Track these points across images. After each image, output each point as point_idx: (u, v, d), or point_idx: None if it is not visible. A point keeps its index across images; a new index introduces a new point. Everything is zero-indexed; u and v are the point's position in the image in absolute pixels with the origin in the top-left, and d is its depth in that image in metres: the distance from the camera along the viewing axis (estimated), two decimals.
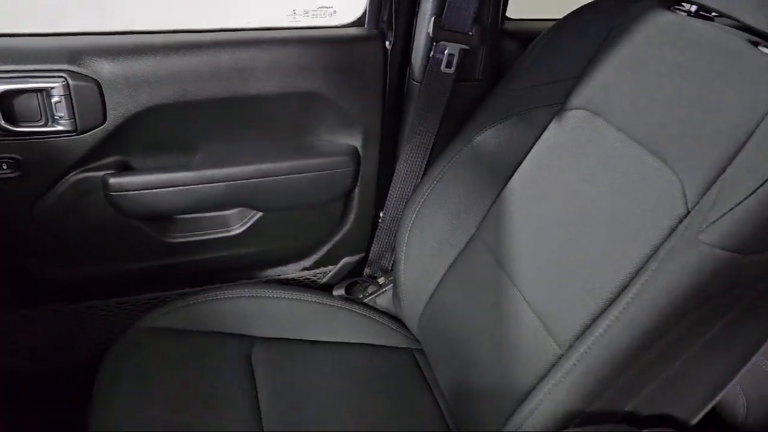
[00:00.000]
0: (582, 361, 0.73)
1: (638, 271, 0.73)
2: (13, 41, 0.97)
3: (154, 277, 1.18)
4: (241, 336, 1.08)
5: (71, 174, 1.04)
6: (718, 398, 0.79)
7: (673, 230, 0.72)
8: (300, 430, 0.94)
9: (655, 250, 0.73)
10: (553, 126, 1.00)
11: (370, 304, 1.26)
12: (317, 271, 1.30)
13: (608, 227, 0.81)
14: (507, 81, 1.07)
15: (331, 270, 1.31)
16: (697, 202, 0.71)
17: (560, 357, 0.79)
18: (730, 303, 0.69)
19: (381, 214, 1.24)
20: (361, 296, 1.27)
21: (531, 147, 1.02)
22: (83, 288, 1.16)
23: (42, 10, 1.13)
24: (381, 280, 1.29)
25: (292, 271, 1.29)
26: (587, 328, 0.76)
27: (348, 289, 1.29)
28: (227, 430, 0.91)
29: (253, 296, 1.14)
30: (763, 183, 0.64)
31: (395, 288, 1.20)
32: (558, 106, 0.99)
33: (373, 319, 1.20)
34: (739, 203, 0.65)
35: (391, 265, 1.30)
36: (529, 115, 1.02)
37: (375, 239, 1.27)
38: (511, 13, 1.21)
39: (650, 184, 0.78)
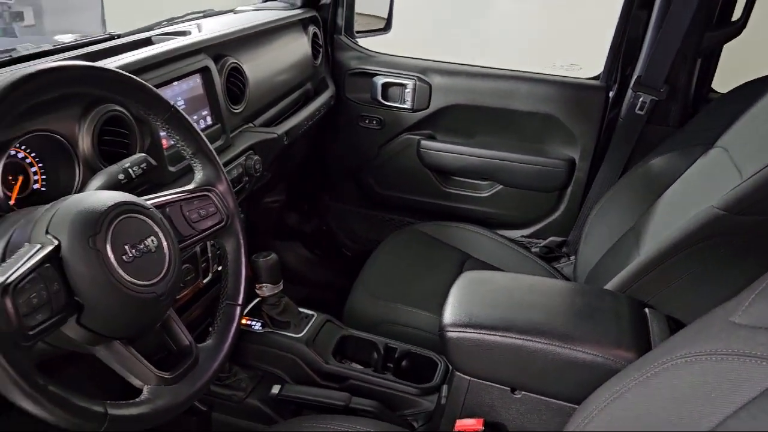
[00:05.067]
0: (638, 259, 1.19)
1: None
2: (394, 58, 1.84)
3: (430, 209, 1.93)
4: (462, 251, 1.73)
5: (402, 134, 1.86)
6: None
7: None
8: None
9: None
10: (700, 158, 1.42)
11: (559, 270, 1.78)
12: (531, 240, 1.88)
13: (694, 204, 1.23)
14: (685, 125, 1.52)
15: (541, 243, 1.87)
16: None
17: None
18: (715, 247, 1.08)
19: (581, 210, 1.77)
20: (554, 263, 1.80)
21: (684, 171, 1.46)
22: (391, 204, 1.98)
23: (413, 49, 2.00)
24: (572, 258, 1.80)
25: (514, 235, 1.89)
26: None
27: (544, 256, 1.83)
28: (436, 281, 1.55)
29: (477, 232, 1.77)
30: (759, 170, 1.05)
31: (575, 262, 1.70)
32: (709, 145, 1.42)
33: (553, 276, 1.72)
34: (741, 184, 1.07)
35: None
36: (688, 150, 1.46)
37: (574, 227, 1.80)
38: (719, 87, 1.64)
39: (723, 184, 1.19)
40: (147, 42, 1.26)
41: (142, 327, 0.74)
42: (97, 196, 0.72)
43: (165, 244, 0.75)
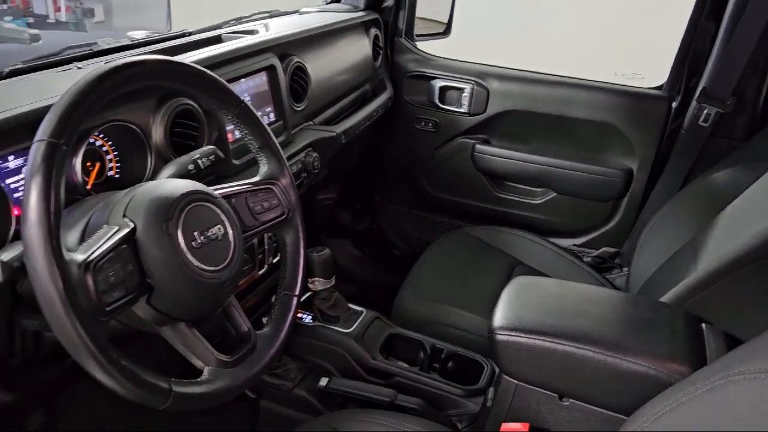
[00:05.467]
0: (696, 273, 1.17)
1: None
2: (453, 62, 1.85)
3: (481, 213, 1.93)
4: (512, 257, 1.72)
5: (458, 137, 1.87)
6: None
7: None
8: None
9: None
10: (765, 174, 1.38)
11: (611, 281, 1.76)
12: (583, 249, 1.86)
13: (757, 220, 1.19)
14: (751, 140, 1.48)
15: (593, 253, 1.85)
16: None
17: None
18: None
19: (637, 221, 1.73)
20: (605, 274, 1.77)
21: (748, 186, 1.41)
22: (443, 207, 1.99)
23: (473, 54, 2.01)
24: (625, 270, 1.77)
25: (566, 243, 1.87)
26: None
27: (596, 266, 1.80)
28: (485, 285, 1.55)
29: (529, 239, 1.76)
30: None
31: (628, 274, 1.67)
32: None
33: (603, 285, 1.69)
34: None
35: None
36: (754, 165, 1.42)
37: (629, 238, 1.77)
38: None
39: None
40: (217, 39, 1.31)
41: (206, 311, 0.78)
42: (171, 184, 0.76)
43: (231, 232, 0.78)
